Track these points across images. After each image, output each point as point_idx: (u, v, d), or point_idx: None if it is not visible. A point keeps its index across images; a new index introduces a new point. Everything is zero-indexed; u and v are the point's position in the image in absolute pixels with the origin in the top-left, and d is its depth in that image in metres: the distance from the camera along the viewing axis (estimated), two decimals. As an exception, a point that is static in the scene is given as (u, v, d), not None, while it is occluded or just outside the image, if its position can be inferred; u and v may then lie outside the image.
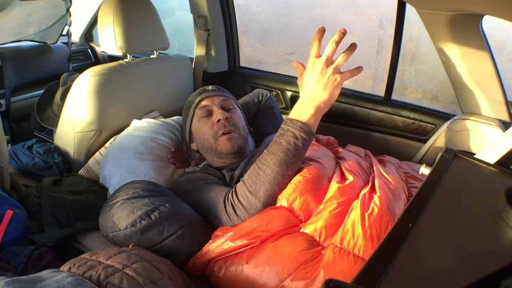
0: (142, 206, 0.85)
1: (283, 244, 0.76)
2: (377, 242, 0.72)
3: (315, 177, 0.87)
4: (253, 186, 0.85)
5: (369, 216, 0.76)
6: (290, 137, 0.85)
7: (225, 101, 1.18)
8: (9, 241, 0.92)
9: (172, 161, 1.22)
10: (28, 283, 0.60)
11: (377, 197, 0.81)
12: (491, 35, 1.12)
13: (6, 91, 1.80)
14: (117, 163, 1.17)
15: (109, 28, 1.26)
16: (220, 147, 1.10)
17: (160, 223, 0.84)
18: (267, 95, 1.48)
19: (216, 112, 1.13)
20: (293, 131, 0.86)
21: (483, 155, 0.80)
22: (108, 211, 0.88)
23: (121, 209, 0.86)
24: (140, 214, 0.83)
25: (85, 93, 1.21)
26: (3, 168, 1.12)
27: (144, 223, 0.83)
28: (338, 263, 0.70)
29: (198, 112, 1.16)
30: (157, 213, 0.84)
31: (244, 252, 0.79)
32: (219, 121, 1.11)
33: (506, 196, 0.49)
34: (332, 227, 0.78)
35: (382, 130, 1.53)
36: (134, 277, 0.65)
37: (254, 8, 2.39)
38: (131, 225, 0.83)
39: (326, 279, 0.33)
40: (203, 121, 1.14)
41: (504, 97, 1.18)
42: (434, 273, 0.41)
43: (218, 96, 1.18)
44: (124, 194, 0.90)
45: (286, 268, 0.72)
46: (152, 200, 0.87)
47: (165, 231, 0.84)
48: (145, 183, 0.95)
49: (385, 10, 1.93)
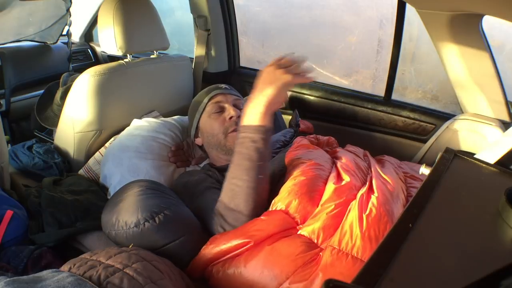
0: (147, 207, 0.83)
1: (281, 247, 0.76)
2: (375, 243, 0.72)
3: (311, 179, 0.87)
4: (232, 203, 0.84)
5: (367, 217, 0.76)
6: (248, 143, 0.84)
7: (237, 101, 1.18)
8: (9, 241, 0.92)
9: (172, 160, 1.22)
10: (29, 283, 0.60)
11: (375, 198, 0.81)
12: (491, 35, 1.12)
13: (6, 91, 1.80)
14: (118, 162, 1.17)
15: (109, 28, 1.26)
16: (229, 143, 1.10)
17: (163, 227, 0.82)
18: None
19: (229, 109, 1.13)
20: (249, 136, 0.85)
21: (483, 155, 0.80)
22: (112, 209, 0.87)
23: (126, 208, 0.84)
24: (145, 216, 0.81)
25: (85, 93, 1.21)
26: (3, 168, 1.12)
27: (147, 225, 0.81)
28: (337, 265, 0.70)
29: (210, 107, 1.16)
30: (162, 216, 0.82)
31: (242, 255, 0.78)
32: (231, 118, 1.11)
33: (506, 196, 0.49)
34: (330, 229, 0.77)
35: (382, 130, 1.53)
36: (135, 277, 0.65)
37: (254, 8, 2.39)
38: (134, 225, 0.81)
39: (326, 279, 0.33)
40: (214, 116, 1.14)
41: (504, 97, 1.18)
42: (434, 273, 0.41)
43: (231, 95, 1.18)
44: (129, 193, 0.87)
45: (284, 271, 0.72)
46: (158, 202, 0.85)
47: (166, 237, 0.82)
48: (150, 182, 0.93)
49: (385, 10, 1.93)
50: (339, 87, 1.70)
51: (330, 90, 1.64)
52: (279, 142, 1.16)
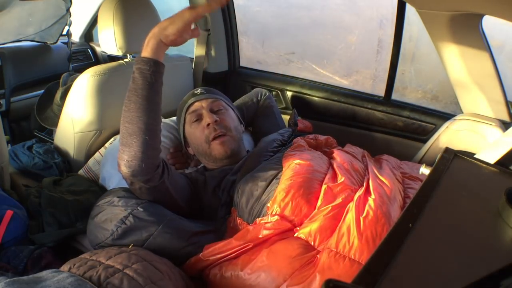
0: (116, 215, 0.88)
1: (278, 250, 0.76)
2: (372, 245, 0.72)
3: (306, 181, 0.87)
4: (122, 139, 0.87)
5: (364, 219, 0.76)
6: (136, 74, 0.84)
7: (214, 103, 1.17)
8: (9, 241, 0.92)
9: (171, 162, 1.22)
10: (29, 283, 0.60)
11: (372, 200, 0.81)
12: (491, 35, 1.12)
13: (6, 91, 1.80)
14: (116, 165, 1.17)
15: (109, 28, 1.26)
16: (214, 152, 1.11)
17: (136, 226, 0.86)
18: (265, 94, 1.47)
19: (205, 116, 1.13)
20: (136, 67, 0.85)
21: (483, 155, 0.80)
22: (90, 227, 0.92)
23: (98, 222, 0.90)
24: (115, 223, 0.86)
25: (85, 93, 1.21)
26: (3, 168, 1.12)
27: (120, 230, 0.85)
28: (334, 267, 0.70)
29: (189, 117, 1.16)
30: (131, 217, 0.87)
31: (239, 258, 0.78)
32: (209, 125, 1.11)
33: (506, 196, 0.49)
34: (327, 231, 0.77)
35: (382, 130, 1.53)
36: (135, 278, 0.65)
37: (254, 8, 2.39)
38: (110, 235, 0.86)
39: (326, 279, 0.33)
40: (194, 126, 1.15)
41: (504, 97, 1.18)
42: (434, 273, 0.41)
43: (207, 99, 1.17)
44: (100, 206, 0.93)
45: (281, 274, 0.72)
46: (125, 205, 0.89)
47: (143, 232, 0.86)
48: (118, 190, 0.97)
49: (385, 10, 1.93)
50: (339, 87, 1.70)
51: (330, 90, 1.64)
52: (277, 141, 1.15)
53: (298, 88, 1.70)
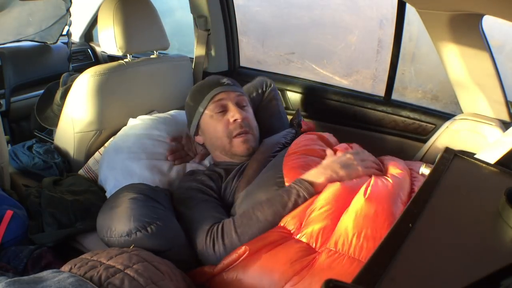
0: (140, 217, 0.83)
1: (278, 253, 0.76)
2: (372, 243, 0.72)
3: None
4: (241, 228, 0.84)
5: (364, 216, 0.76)
6: (294, 196, 0.86)
7: (240, 97, 1.13)
8: (9, 241, 0.92)
9: (170, 158, 1.18)
10: (29, 283, 0.60)
11: (372, 197, 0.80)
12: (491, 35, 1.12)
13: (6, 91, 1.80)
14: (112, 166, 1.16)
15: (109, 28, 1.26)
16: (234, 149, 1.08)
17: (154, 237, 0.82)
18: (270, 85, 1.39)
19: (232, 110, 1.08)
20: (298, 189, 0.87)
21: (483, 155, 0.80)
22: (105, 216, 0.87)
23: (118, 216, 0.84)
24: (136, 225, 0.82)
25: (85, 93, 1.21)
26: (3, 168, 1.12)
27: (139, 234, 0.81)
28: (334, 266, 0.70)
29: (212, 107, 1.10)
30: (154, 227, 0.83)
31: (240, 262, 0.78)
32: (235, 121, 1.07)
33: (506, 196, 0.49)
34: (327, 230, 0.77)
35: (382, 130, 1.53)
36: (135, 278, 0.65)
37: (254, 8, 2.39)
38: (126, 234, 0.82)
39: (326, 279, 0.33)
40: (216, 117, 1.09)
41: (504, 97, 1.18)
42: (434, 273, 0.41)
43: (234, 92, 1.12)
44: (123, 199, 0.88)
45: (283, 276, 0.72)
46: (150, 212, 0.85)
47: (156, 248, 0.82)
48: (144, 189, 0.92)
49: (385, 10, 1.93)
50: (339, 87, 1.70)
51: (330, 90, 1.64)
52: (279, 145, 1.12)
53: (298, 88, 1.70)
